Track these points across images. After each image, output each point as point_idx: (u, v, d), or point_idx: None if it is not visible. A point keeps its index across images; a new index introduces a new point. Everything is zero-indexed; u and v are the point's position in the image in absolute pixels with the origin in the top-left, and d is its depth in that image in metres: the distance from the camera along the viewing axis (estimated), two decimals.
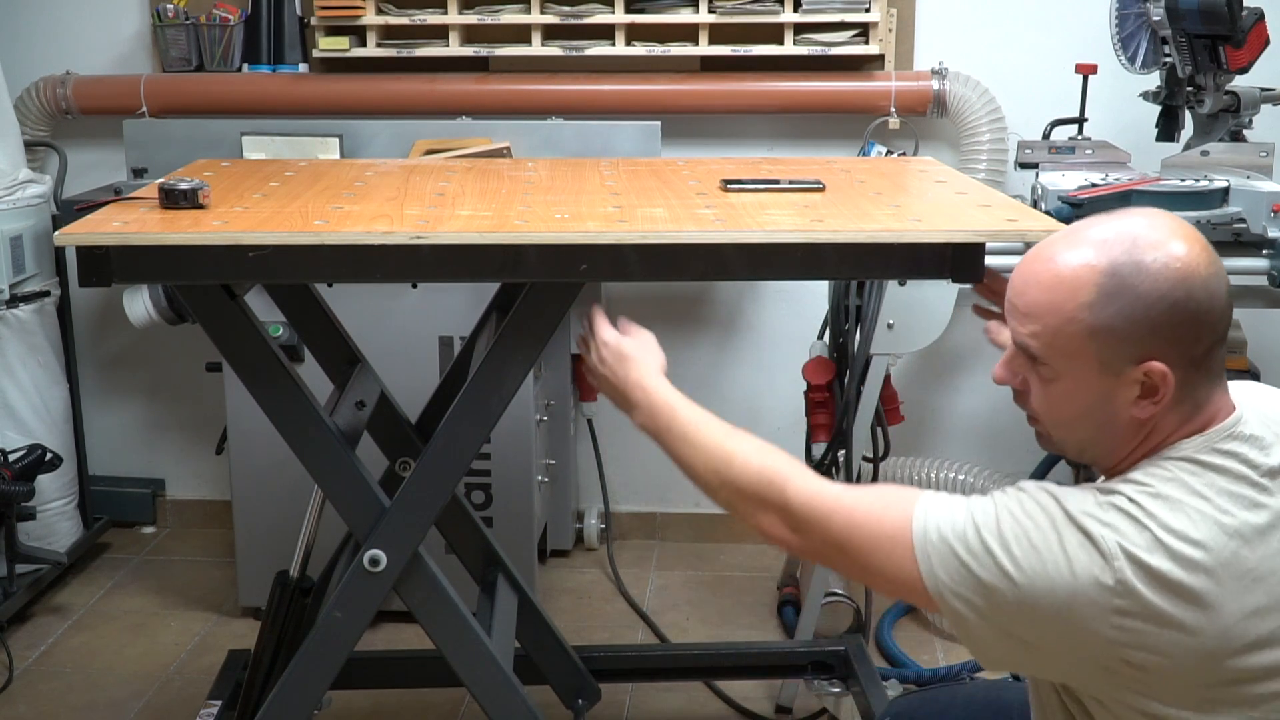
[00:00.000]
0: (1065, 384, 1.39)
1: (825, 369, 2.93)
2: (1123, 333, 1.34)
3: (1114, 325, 1.34)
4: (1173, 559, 1.30)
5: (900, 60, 3.36)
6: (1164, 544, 1.30)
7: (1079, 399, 1.39)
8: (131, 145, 3.24)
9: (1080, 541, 1.31)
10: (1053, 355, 1.38)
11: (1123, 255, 1.34)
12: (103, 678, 2.98)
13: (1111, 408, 1.38)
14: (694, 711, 2.86)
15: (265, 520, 3.10)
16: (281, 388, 1.91)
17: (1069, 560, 1.31)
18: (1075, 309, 1.35)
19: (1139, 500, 1.33)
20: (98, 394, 3.73)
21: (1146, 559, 1.29)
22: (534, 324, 1.89)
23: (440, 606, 2.00)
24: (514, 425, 3.01)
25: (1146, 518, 1.32)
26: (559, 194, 2.01)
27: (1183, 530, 1.31)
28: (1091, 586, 1.30)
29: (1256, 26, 2.71)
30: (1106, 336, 1.34)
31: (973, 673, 2.87)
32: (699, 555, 3.64)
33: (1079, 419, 1.41)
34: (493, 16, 3.28)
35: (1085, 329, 1.35)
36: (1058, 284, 1.36)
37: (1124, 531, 1.31)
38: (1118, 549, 1.30)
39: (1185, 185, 2.68)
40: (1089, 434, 1.43)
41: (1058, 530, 1.33)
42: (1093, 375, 1.37)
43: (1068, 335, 1.36)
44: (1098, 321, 1.34)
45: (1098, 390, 1.37)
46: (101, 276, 1.71)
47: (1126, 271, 1.33)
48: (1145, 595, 1.29)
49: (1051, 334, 1.37)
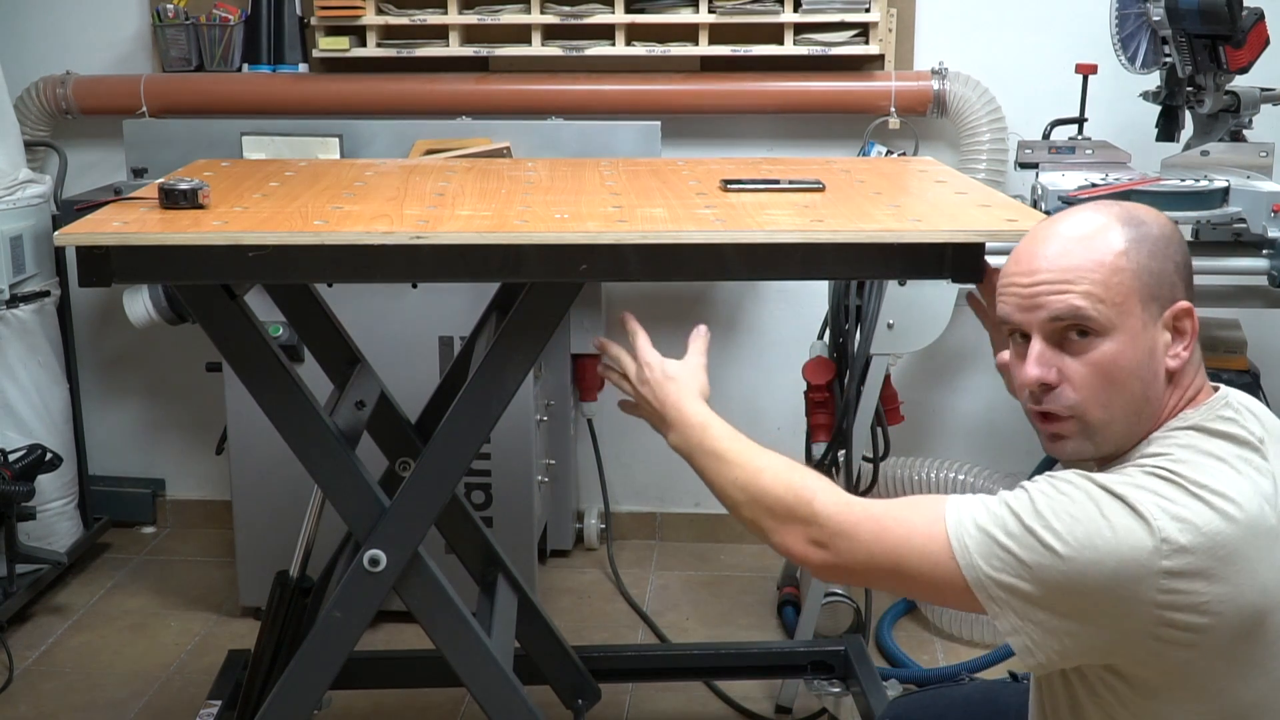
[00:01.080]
0: (1111, 345, 1.38)
1: (825, 369, 2.93)
2: (1159, 272, 1.39)
3: (1151, 265, 1.39)
4: (1213, 511, 1.31)
5: (900, 60, 3.36)
6: (1202, 499, 1.31)
7: (1128, 357, 1.39)
8: (131, 145, 3.24)
9: (1121, 508, 1.31)
10: (1104, 311, 1.38)
11: (1120, 212, 1.42)
12: (103, 678, 2.98)
13: (1155, 361, 1.40)
14: (694, 711, 2.86)
15: (265, 520, 3.10)
16: (281, 388, 1.91)
17: (1112, 527, 1.30)
18: (1115, 258, 1.38)
19: (1165, 466, 1.35)
20: (98, 394, 3.73)
21: (1188, 515, 1.30)
22: (534, 324, 1.88)
23: (440, 606, 2.00)
24: (514, 425, 3.01)
25: (1179, 478, 1.33)
26: (559, 194, 2.01)
27: (1216, 486, 1.32)
28: (1138, 550, 1.29)
29: (1256, 26, 2.71)
30: (1148, 277, 1.39)
31: (972, 673, 2.87)
32: (699, 555, 3.64)
33: (1128, 383, 1.39)
34: (493, 16, 3.28)
35: (1130, 274, 1.38)
36: (1087, 243, 1.40)
37: (1161, 491, 1.32)
38: (1158, 509, 1.30)
39: (1185, 185, 2.68)
40: (1134, 402, 1.40)
41: (1096, 502, 1.32)
42: (1138, 326, 1.39)
43: (1116, 285, 1.38)
44: (1138, 264, 1.38)
45: (1143, 343, 1.39)
46: (101, 276, 1.71)
47: (1136, 220, 1.41)
48: (1190, 551, 1.29)
49: (1103, 288, 1.38)
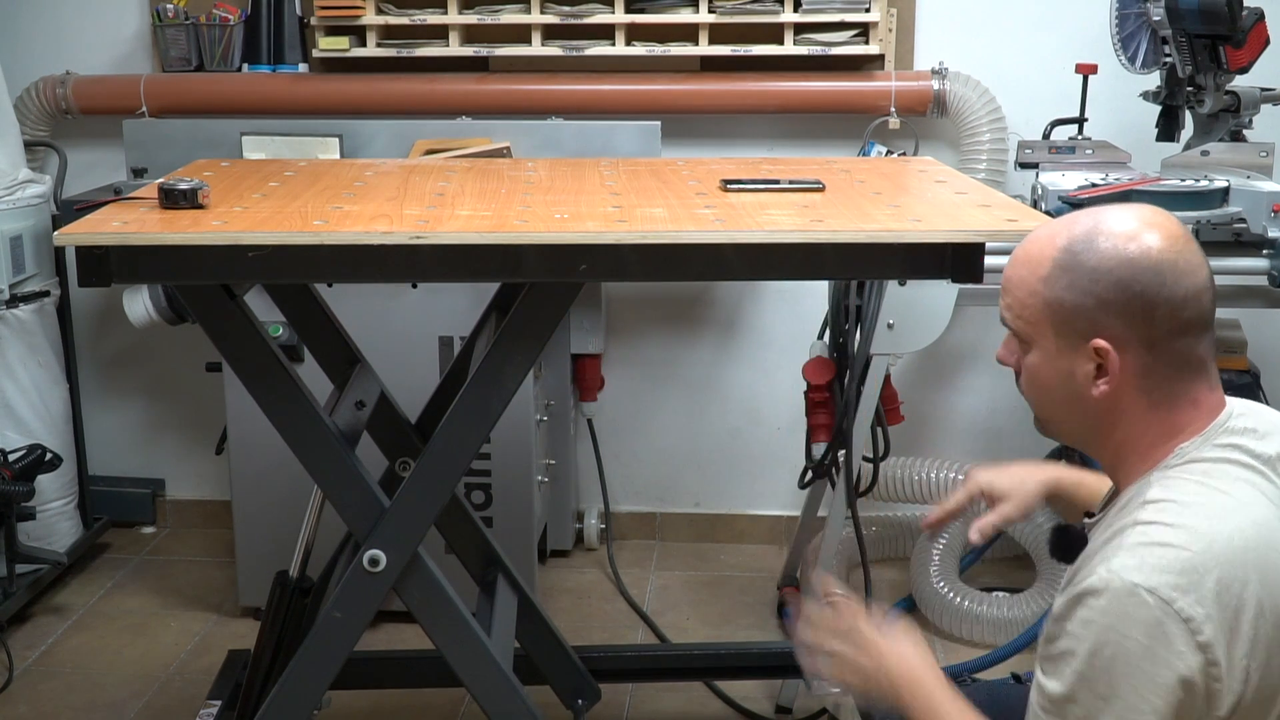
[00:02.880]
0: (1035, 358, 1.48)
1: (825, 369, 2.93)
2: (1071, 305, 1.42)
3: (1064, 298, 1.42)
4: (1193, 554, 1.32)
5: (900, 60, 3.36)
6: (1192, 550, 1.32)
7: (1047, 373, 1.47)
8: (131, 145, 3.24)
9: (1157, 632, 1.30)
10: (1021, 327, 1.48)
11: (1081, 235, 1.43)
12: (103, 678, 2.98)
13: (1074, 385, 1.45)
14: (694, 711, 2.86)
15: (265, 520, 3.10)
16: (281, 388, 1.91)
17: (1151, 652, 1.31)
18: (1035, 282, 1.45)
19: (1157, 525, 1.35)
20: (98, 394, 3.73)
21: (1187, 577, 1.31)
22: (534, 324, 1.88)
23: (440, 606, 2.00)
24: (514, 425, 3.01)
25: (1174, 546, 1.32)
26: (559, 194, 2.01)
27: (1204, 529, 1.33)
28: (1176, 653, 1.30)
29: (1256, 26, 2.71)
30: (1058, 309, 1.43)
31: (972, 673, 2.87)
32: (699, 555, 3.64)
33: (1051, 395, 1.48)
34: (493, 16, 3.28)
35: (1042, 301, 1.44)
36: (1025, 260, 1.47)
37: (1165, 566, 1.31)
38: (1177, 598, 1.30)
39: (1185, 185, 2.68)
40: (1064, 413, 1.49)
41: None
42: (1053, 348, 1.45)
43: (1030, 308, 1.45)
44: (1051, 294, 1.43)
45: (1061, 365, 1.45)
46: (101, 276, 1.71)
47: (1079, 248, 1.42)
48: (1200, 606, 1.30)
49: (1020, 306, 1.47)
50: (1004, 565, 3.47)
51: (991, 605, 3.09)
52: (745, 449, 3.67)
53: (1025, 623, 3.02)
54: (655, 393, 3.65)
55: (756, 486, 3.69)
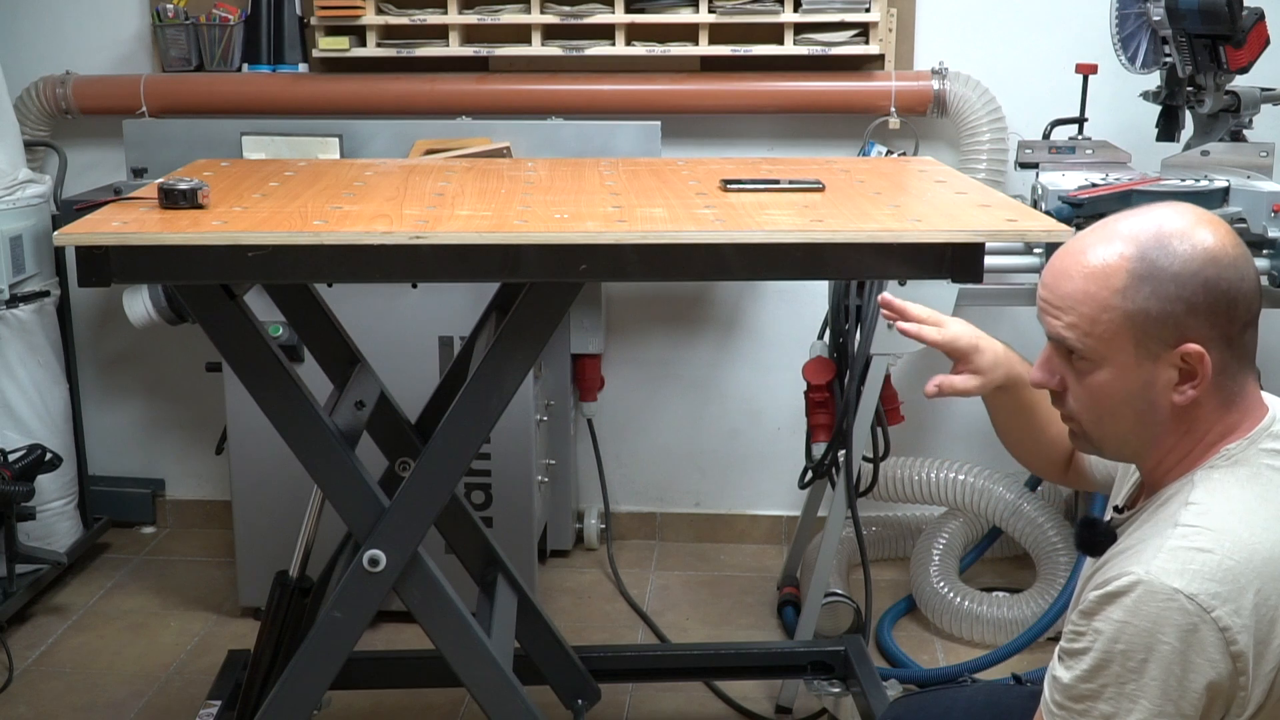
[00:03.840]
0: (1104, 374, 1.41)
1: (825, 369, 2.93)
2: (1158, 315, 1.36)
3: (1149, 308, 1.36)
4: (1230, 559, 1.31)
5: (900, 60, 3.36)
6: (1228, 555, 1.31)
7: (1118, 388, 1.41)
8: (131, 145, 3.24)
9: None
10: (1090, 345, 1.40)
11: (1150, 240, 1.38)
12: (103, 678, 2.97)
13: (1151, 395, 1.40)
14: (694, 711, 2.86)
15: (265, 520, 3.10)
16: (281, 388, 1.91)
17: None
18: (1109, 295, 1.38)
19: (1200, 529, 1.34)
20: (98, 394, 3.73)
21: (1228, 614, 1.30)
22: (534, 324, 1.88)
23: (440, 606, 2.00)
24: (514, 425, 3.01)
25: (1208, 552, 1.32)
26: (559, 194, 2.01)
27: (1243, 534, 1.33)
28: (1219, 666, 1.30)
29: (1256, 26, 2.71)
30: (1142, 320, 1.37)
31: (973, 673, 2.87)
32: (699, 555, 3.64)
33: (1119, 410, 1.42)
34: (493, 16, 3.28)
35: (1121, 315, 1.37)
36: (1090, 273, 1.39)
37: (1196, 569, 1.31)
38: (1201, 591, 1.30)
39: (1185, 185, 2.68)
40: (1129, 426, 1.43)
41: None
42: (1130, 362, 1.39)
43: (1105, 323, 1.38)
44: (1133, 306, 1.37)
45: (1137, 378, 1.39)
46: (101, 276, 1.71)
47: (1155, 255, 1.37)
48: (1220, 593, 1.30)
49: (1089, 323, 1.39)
50: (1004, 565, 3.47)
51: (991, 605, 3.09)
52: (745, 449, 3.67)
53: (1025, 623, 3.02)
54: (655, 393, 3.65)
55: (756, 486, 3.69)
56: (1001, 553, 3.46)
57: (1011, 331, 3.46)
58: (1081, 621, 1.35)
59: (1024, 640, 2.95)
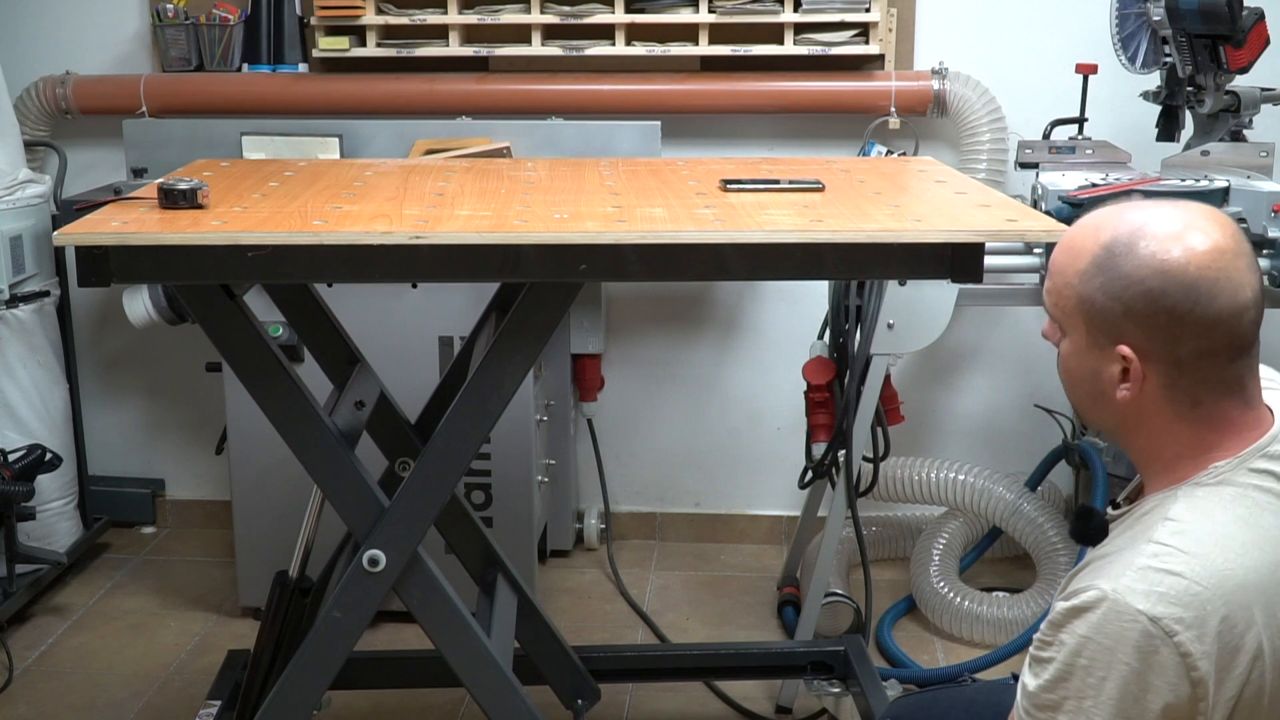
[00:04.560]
0: (1067, 345, 1.46)
1: (825, 369, 2.93)
2: (1101, 307, 1.39)
3: (1095, 298, 1.39)
4: (1196, 584, 1.30)
5: (900, 60, 3.36)
6: (1194, 579, 1.30)
7: (1075, 364, 1.45)
8: (131, 145, 3.24)
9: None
10: (1056, 313, 1.46)
11: (1125, 235, 1.38)
12: (103, 678, 2.97)
13: (1100, 382, 1.43)
14: (694, 711, 2.86)
15: (265, 520, 3.10)
16: (281, 388, 1.91)
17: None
18: (1072, 274, 1.42)
19: (1172, 550, 1.32)
20: (98, 394, 3.73)
21: (1178, 593, 1.30)
22: (534, 324, 1.89)
23: (440, 606, 2.00)
24: (514, 425, 3.01)
25: (1179, 576, 1.31)
26: (558, 194, 2.01)
27: (1215, 560, 1.31)
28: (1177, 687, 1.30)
29: (1256, 26, 2.71)
30: (1089, 306, 1.40)
31: (973, 673, 2.87)
32: (699, 555, 3.64)
33: (1077, 384, 1.47)
34: (493, 16, 3.28)
35: (1075, 294, 1.42)
36: (1069, 248, 1.44)
37: (1159, 589, 1.30)
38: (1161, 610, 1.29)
39: (1185, 185, 2.68)
40: (1087, 405, 1.48)
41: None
42: (1083, 342, 1.43)
43: (1066, 298, 1.43)
44: (1084, 289, 1.40)
45: (1088, 360, 1.43)
46: (101, 276, 1.71)
47: (1119, 250, 1.38)
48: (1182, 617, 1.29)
49: (1057, 294, 1.45)
50: (1004, 565, 3.47)
51: (991, 605, 3.09)
52: (745, 449, 3.67)
53: (1025, 623, 3.02)
54: (655, 393, 3.65)
55: (756, 486, 3.69)
56: (1001, 553, 3.47)
57: (1012, 331, 3.50)
58: (1049, 632, 1.36)
59: (1024, 640, 2.95)
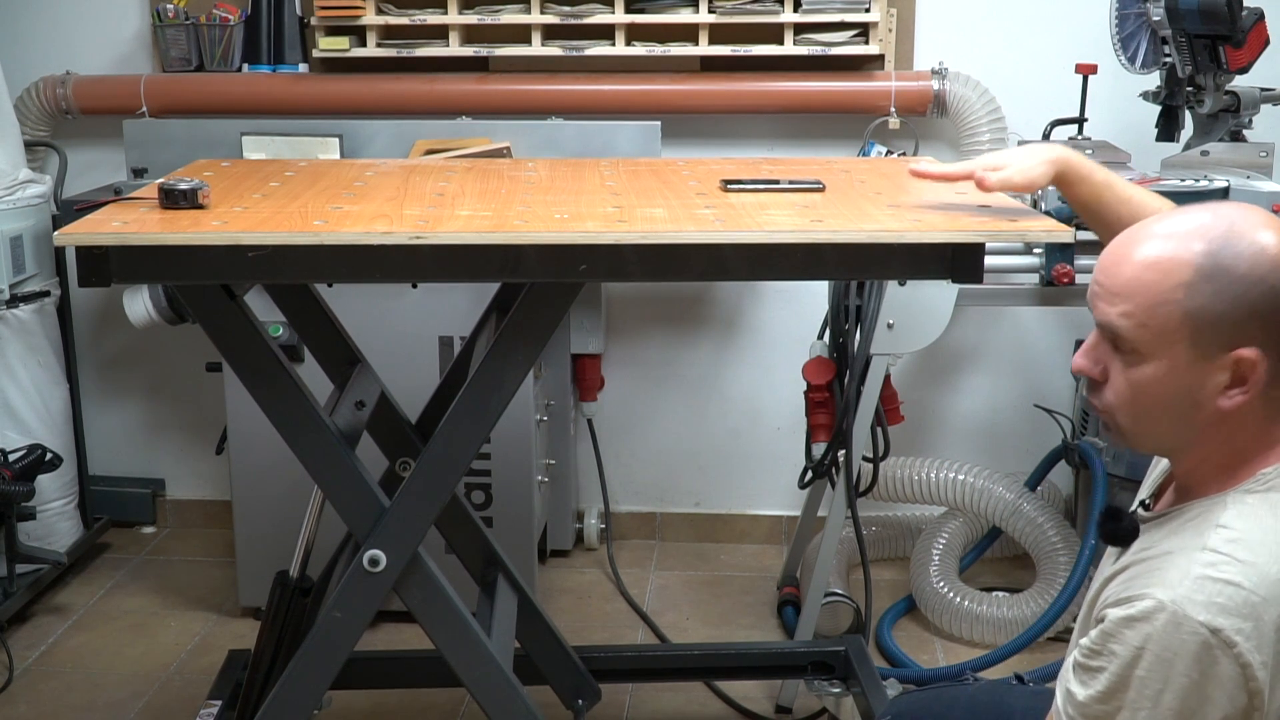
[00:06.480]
0: (1150, 369, 1.37)
1: (825, 369, 2.93)
2: (1219, 315, 1.33)
3: (1210, 307, 1.33)
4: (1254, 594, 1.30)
5: (900, 60, 3.36)
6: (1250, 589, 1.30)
7: (1165, 385, 1.37)
8: (131, 145, 3.24)
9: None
10: (1142, 337, 1.36)
11: (1220, 238, 1.34)
12: (103, 678, 2.98)
13: (1197, 397, 1.36)
14: (694, 711, 2.86)
15: (265, 520, 3.10)
16: (281, 388, 1.91)
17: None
18: (1170, 289, 1.34)
19: (1228, 559, 1.31)
20: (98, 394, 3.73)
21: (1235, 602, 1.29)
22: (534, 324, 1.89)
23: (440, 606, 2.00)
24: (514, 425, 3.01)
25: (1234, 585, 1.30)
26: (559, 194, 2.01)
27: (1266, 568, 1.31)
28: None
29: (1256, 26, 2.71)
30: (1199, 319, 1.33)
31: (975, 672, 2.87)
32: (699, 555, 3.64)
33: (1159, 409, 1.39)
34: (493, 16, 3.28)
35: (1180, 311, 1.33)
36: (1153, 264, 1.35)
37: (1217, 600, 1.29)
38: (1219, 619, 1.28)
39: (1185, 185, 2.68)
40: (1167, 426, 1.40)
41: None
42: (1181, 360, 1.35)
43: (1161, 317, 1.34)
44: (1193, 304, 1.33)
45: (1186, 377, 1.35)
46: (101, 277, 1.71)
47: (1224, 255, 1.33)
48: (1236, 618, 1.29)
49: (1145, 314, 1.35)
50: (1004, 565, 3.47)
51: (991, 605, 3.09)
52: (745, 449, 3.67)
53: (1025, 623, 3.02)
54: (655, 393, 3.65)
55: (756, 486, 3.69)
56: (1001, 553, 3.47)
57: (1012, 331, 3.50)
58: (1100, 640, 1.33)
59: (1024, 640, 2.95)
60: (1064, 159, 1.75)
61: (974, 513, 3.22)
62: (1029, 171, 1.75)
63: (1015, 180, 1.75)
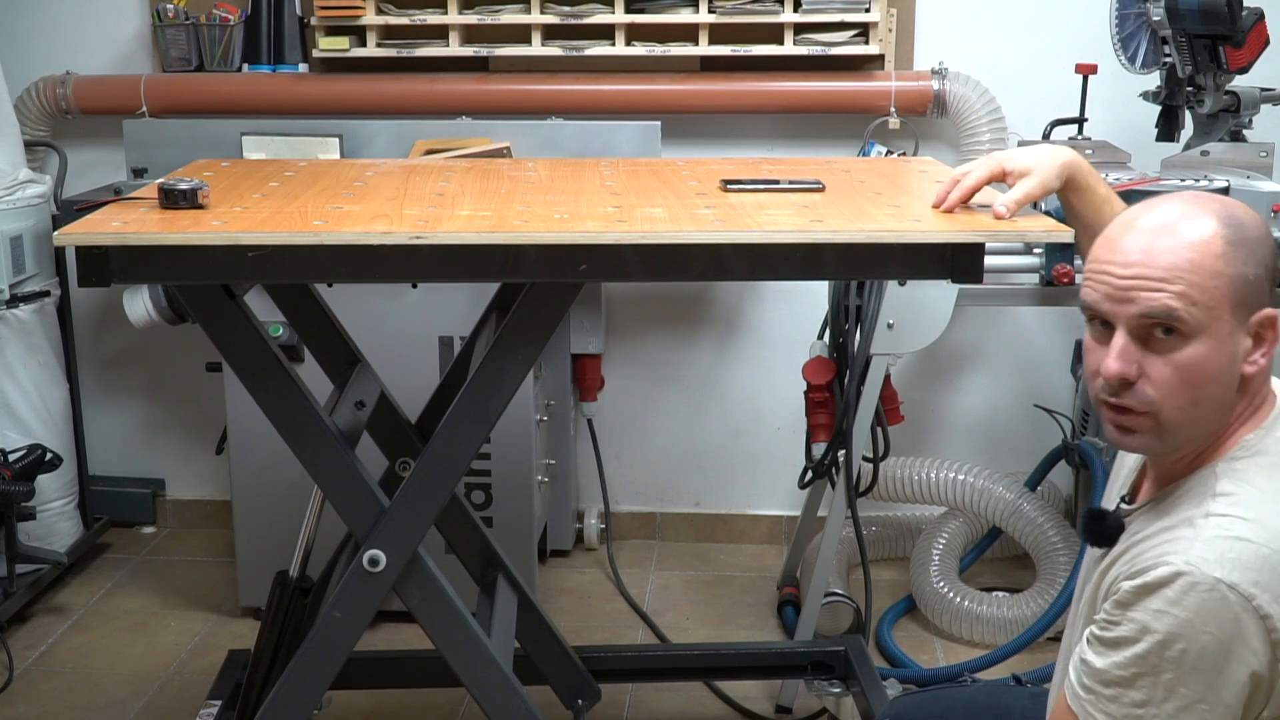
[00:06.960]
0: (1198, 348, 1.37)
1: (825, 369, 2.93)
2: (1254, 279, 1.38)
3: (1244, 272, 1.38)
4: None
5: (900, 60, 3.36)
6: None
7: (1213, 360, 1.38)
8: (131, 145, 3.24)
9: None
10: (1195, 315, 1.37)
11: (1219, 212, 1.40)
12: (103, 678, 2.98)
13: (1235, 366, 1.40)
14: (694, 711, 2.86)
15: (265, 520, 3.10)
16: (281, 388, 1.91)
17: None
18: (1214, 261, 1.37)
19: (1235, 519, 1.34)
20: (98, 394, 3.73)
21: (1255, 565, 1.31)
22: (534, 324, 1.88)
23: (440, 606, 2.00)
24: (514, 425, 3.01)
25: (1250, 541, 1.32)
26: (559, 194, 2.01)
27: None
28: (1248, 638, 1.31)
29: (1256, 26, 2.71)
30: (1241, 285, 1.38)
31: (974, 673, 2.87)
32: (699, 555, 3.64)
33: (1211, 386, 1.39)
34: (493, 16, 3.28)
35: (1226, 280, 1.37)
36: (1191, 243, 1.38)
37: (1240, 560, 1.31)
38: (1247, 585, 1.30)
39: (1185, 185, 2.68)
40: (1215, 406, 1.40)
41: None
42: (1225, 330, 1.38)
43: (1212, 290, 1.37)
44: (1235, 270, 1.37)
45: (1229, 345, 1.38)
46: (101, 276, 1.71)
47: (1234, 223, 1.39)
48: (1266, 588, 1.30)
49: (1199, 291, 1.36)
50: (1004, 565, 3.47)
51: (991, 605, 3.09)
52: (745, 449, 3.67)
53: (1025, 622, 3.02)
54: (655, 393, 3.65)
55: (756, 486, 3.69)
56: (1001, 553, 3.47)
57: (1012, 331, 3.50)
58: (1116, 611, 1.34)
59: (1024, 640, 2.95)
60: (1075, 164, 1.77)
61: (974, 513, 3.22)
62: (1048, 185, 1.76)
63: (1035, 193, 1.76)
